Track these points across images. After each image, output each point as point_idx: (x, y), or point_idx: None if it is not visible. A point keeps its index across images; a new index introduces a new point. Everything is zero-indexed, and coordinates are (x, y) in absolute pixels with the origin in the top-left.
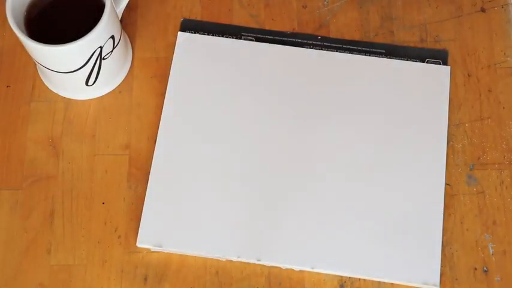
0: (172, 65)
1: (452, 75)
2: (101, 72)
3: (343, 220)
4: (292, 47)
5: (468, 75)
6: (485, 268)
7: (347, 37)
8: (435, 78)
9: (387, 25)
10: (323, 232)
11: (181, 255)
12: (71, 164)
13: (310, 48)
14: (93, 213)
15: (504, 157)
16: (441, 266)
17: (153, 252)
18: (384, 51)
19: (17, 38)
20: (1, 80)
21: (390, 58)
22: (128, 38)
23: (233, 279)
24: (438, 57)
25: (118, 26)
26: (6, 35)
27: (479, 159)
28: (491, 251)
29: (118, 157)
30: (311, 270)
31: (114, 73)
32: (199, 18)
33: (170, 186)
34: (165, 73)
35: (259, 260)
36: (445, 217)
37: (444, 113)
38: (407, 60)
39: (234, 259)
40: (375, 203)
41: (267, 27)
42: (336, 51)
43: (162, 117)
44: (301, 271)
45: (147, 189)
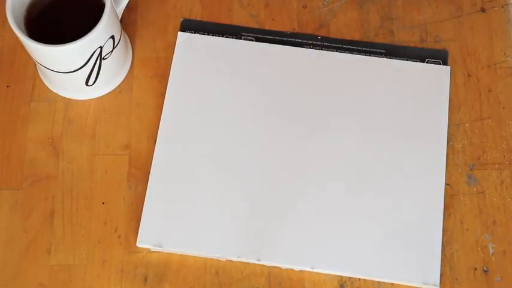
0: (172, 65)
1: (452, 75)
2: (101, 72)
3: (343, 220)
4: (292, 47)
5: (468, 75)
6: (485, 268)
7: (347, 37)
8: (435, 78)
9: (387, 25)
10: (323, 232)
11: (181, 255)
12: (71, 164)
13: (310, 48)
14: (93, 213)
15: (504, 157)
16: (441, 266)
17: (153, 252)
18: (384, 51)
19: (17, 38)
20: (1, 80)
21: (390, 58)
22: (128, 38)
23: (233, 279)
24: (438, 57)
25: (118, 26)
26: (6, 35)
27: (479, 159)
28: (491, 251)
29: (118, 157)
30: (311, 270)
31: (114, 73)
32: (199, 18)
33: (170, 186)
34: (165, 73)
35: (259, 260)
36: (445, 217)
37: (444, 113)
38: (407, 60)
39: (234, 259)
40: (375, 203)
41: (267, 27)
42: (336, 51)
43: (162, 117)
44: (301, 271)
45: (147, 189)
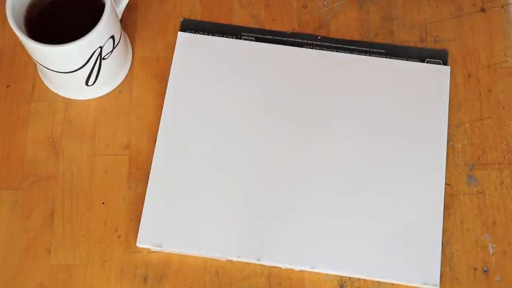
0: (172, 65)
1: (452, 75)
2: (101, 72)
3: (343, 220)
4: (292, 47)
5: (468, 75)
6: (485, 268)
7: (347, 37)
8: (435, 78)
9: (387, 25)
10: (323, 232)
11: (181, 255)
12: (71, 164)
13: (310, 48)
14: (93, 213)
15: (504, 157)
16: (441, 266)
17: (153, 252)
18: (384, 51)
19: (17, 38)
20: (1, 80)
21: (390, 58)
22: (128, 38)
23: (233, 279)
24: (438, 57)
25: (118, 26)
26: (6, 35)
27: (479, 159)
28: (491, 251)
29: (118, 157)
30: (311, 270)
31: (114, 73)
32: (199, 18)
33: (170, 186)
34: (165, 73)
35: (259, 260)
36: (445, 217)
37: (444, 113)
38: (407, 60)
39: (234, 259)
40: (375, 203)
41: (267, 27)
42: (336, 51)
43: (162, 117)
44: (301, 271)
45: (147, 189)
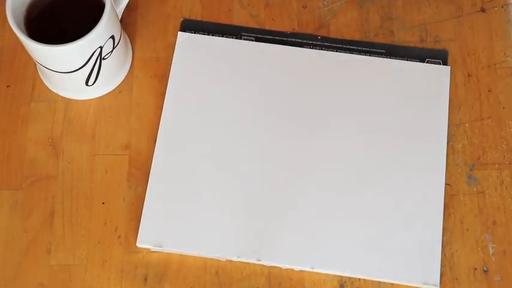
0: (172, 65)
1: (452, 75)
2: (101, 72)
3: (343, 220)
4: (292, 47)
5: (468, 75)
6: (485, 268)
7: (347, 37)
8: (435, 78)
9: (387, 25)
10: (323, 232)
11: (181, 255)
12: (71, 164)
13: (310, 48)
14: (93, 213)
15: (504, 157)
16: (441, 266)
17: (153, 252)
18: (384, 51)
19: (17, 38)
20: (1, 80)
21: (390, 58)
22: (128, 38)
23: (233, 279)
24: (438, 57)
25: (118, 26)
26: (6, 35)
27: (479, 159)
28: (491, 251)
29: (118, 157)
30: (311, 270)
31: (114, 73)
32: (199, 18)
33: (170, 186)
34: (165, 73)
35: (259, 260)
36: (445, 217)
37: (444, 113)
38: (407, 60)
39: (234, 259)
40: (375, 203)
41: (267, 27)
42: (336, 51)
43: (162, 117)
44: (301, 271)
45: (147, 189)
